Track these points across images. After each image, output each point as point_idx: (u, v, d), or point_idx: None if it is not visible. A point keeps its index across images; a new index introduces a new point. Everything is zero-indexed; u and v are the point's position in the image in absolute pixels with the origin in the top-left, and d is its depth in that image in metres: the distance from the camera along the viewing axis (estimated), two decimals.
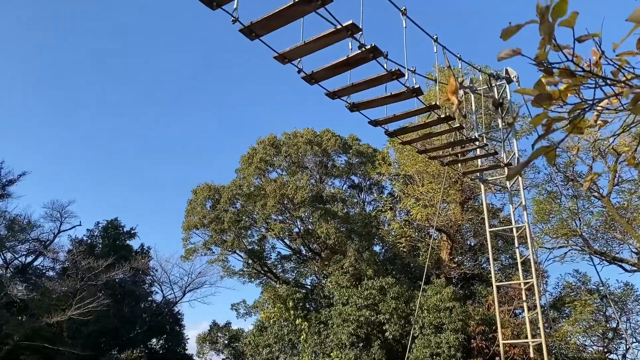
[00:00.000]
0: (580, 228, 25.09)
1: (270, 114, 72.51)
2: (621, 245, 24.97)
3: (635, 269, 24.81)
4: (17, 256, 28.24)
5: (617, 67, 1.54)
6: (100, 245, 30.62)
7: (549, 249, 26.02)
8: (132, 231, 32.71)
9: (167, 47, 75.69)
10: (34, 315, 23.77)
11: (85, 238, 31.00)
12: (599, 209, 24.98)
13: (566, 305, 26.47)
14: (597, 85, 1.55)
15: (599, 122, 1.78)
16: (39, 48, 70.75)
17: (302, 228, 28.88)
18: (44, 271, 28.98)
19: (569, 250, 25.79)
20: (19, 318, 24.30)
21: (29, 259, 28.70)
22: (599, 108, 1.68)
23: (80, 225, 42.79)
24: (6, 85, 66.32)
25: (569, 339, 25.02)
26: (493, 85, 15.25)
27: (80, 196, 71.67)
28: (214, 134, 74.43)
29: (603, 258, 25.44)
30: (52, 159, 67.37)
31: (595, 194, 24.59)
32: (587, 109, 1.62)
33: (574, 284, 27.16)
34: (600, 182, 24.38)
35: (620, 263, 25.28)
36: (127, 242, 32.22)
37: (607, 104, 1.67)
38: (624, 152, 22.72)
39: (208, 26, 73.00)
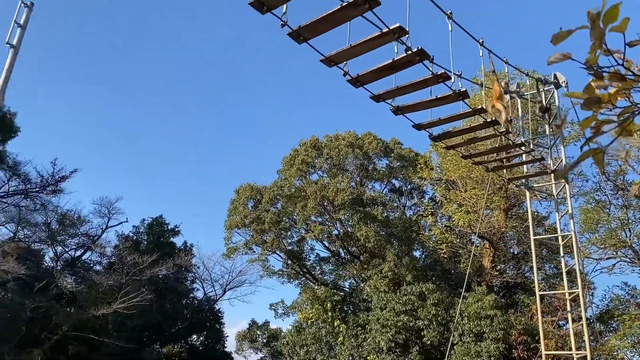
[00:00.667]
0: (630, 239, 24.22)
1: (312, 116, 72.85)
2: None
3: None
4: (67, 250, 29.01)
5: None
6: (145, 242, 31.25)
7: (596, 259, 25.25)
8: (176, 229, 33.32)
9: (208, 47, 77.08)
10: (82, 307, 24.39)
11: (131, 234, 31.72)
12: None
13: (614, 318, 25.56)
14: None
15: None
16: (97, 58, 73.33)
17: (341, 230, 28.90)
18: (91, 265, 29.72)
19: (618, 261, 24.96)
20: (68, 309, 25.01)
21: (78, 253, 29.40)
22: None
23: (126, 221, 43.96)
24: (67, 91, 68.99)
25: (616, 353, 24.16)
26: (541, 90, 14.89)
27: (128, 194, 73.63)
28: (257, 135, 75.21)
29: None
30: (103, 158, 69.53)
31: None
32: (636, 112, 1.61)
33: (622, 297, 26.17)
34: None
35: None
36: (171, 239, 32.82)
37: None
38: None
39: (253, 27, 73.92)
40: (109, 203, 29.55)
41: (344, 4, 7.79)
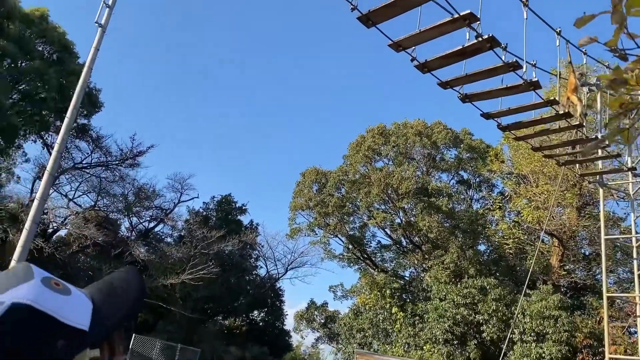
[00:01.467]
0: None
1: (381, 102, 72.26)
2: None
3: None
4: (141, 221, 30.34)
5: None
6: (214, 218, 32.17)
7: None
8: (244, 207, 34.19)
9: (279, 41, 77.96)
10: (152, 276, 25.36)
11: (201, 210, 32.60)
12: None
13: None
14: None
15: None
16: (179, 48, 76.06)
17: (404, 219, 28.74)
18: (163, 237, 30.96)
19: None
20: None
21: (151, 225, 30.65)
22: None
23: (197, 197, 45.49)
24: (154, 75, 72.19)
25: None
26: None
27: (200, 171, 76.26)
28: (325, 119, 75.62)
29: None
30: (178, 136, 72.28)
31: None
32: None
33: None
34: None
35: None
36: (238, 217, 33.72)
37: None
38: None
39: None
40: (182, 179, 30.66)
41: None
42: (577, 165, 14.44)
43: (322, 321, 30.92)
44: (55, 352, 0.78)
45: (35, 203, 10.54)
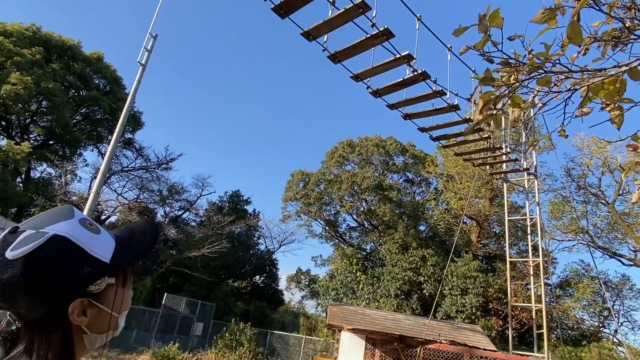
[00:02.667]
0: (587, 227, 23.28)
1: (348, 121, 72.52)
2: (621, 244, 22.94)
3: (632, 263, 22.64)
4: (172, 210, 30.24)
5: (541, 60, 1.61)
6: (226, 207, 32.05)
7: (559, 240, 24.39)
8: (248, 199, 34.06)
9: (278, 68, 77.78)
10: (180, 251, 25.42)
11: (217, 201, 32.53)
12: (604, 213, 23.03)
13: (571, 286, 24.64)
14: (529, 74, 1.64)
15: (537, 102, 1.83)
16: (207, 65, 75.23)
17: (366, 207, 28.89)
18: (188, 221, 30.76)
19: (576, 243, 24.04)
20: (171, 251, 26.08)
21: (180, 213, 30.58)
22: (534, 90, 1.75)
23: (214, 192, 44.91)
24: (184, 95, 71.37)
25: (570, 312, 23.31)
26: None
27: (216, 172, 75.71)
28: (309, 134, 75.58)
29: (605, 252, 23.45)
30: (200, 146, 71.60)
31: (603, 201, 22.68)
32: (519, 87, 1.70)
33: (578, 270, 25.20)
34: (607, 192, 22.52)
35: (619, 258, 23.21)
36: (245, 207, 33.53)
37: (541, 88, 1.74)
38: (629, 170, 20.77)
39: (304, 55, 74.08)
40: (202, 178, 30.69)
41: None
42: (488, 166, 14.67)
43: (307, 283, 30.88)
44: (82, 276, 0.79)
45: (91, 196, 10.42)
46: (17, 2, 55.25)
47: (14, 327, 0.77)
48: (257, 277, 32.49)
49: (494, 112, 1.72)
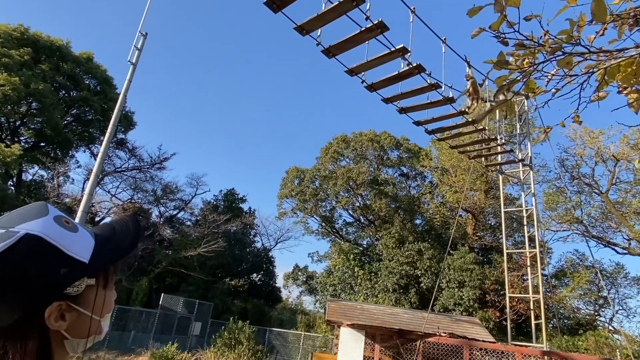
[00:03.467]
0: (581, 217, 23.42)
1: (342, 116, 72.38)
2: (615, 233, 23.13)
3: (626, 252, 22.82)
4: (167, 210, 30.02)
5: (559, 40, 1.53)
6: (221, 206, 31.86)
7: (554, 231, 24.53)
8: (244, 197, 33.86)
9: (277, 66, 77.44)
10: (176, 250, 25.18)
11: (212, 200, 32.31)
12: (598, 202, 23.18)
13: (566, 276, 24.82)
14: (551, 54, 1.55)
15: (551, 89, 1.75)
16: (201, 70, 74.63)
17: (361, 203, 28.85)
18: (183, 221, 30.56)
19: (571, 233, 24.19)
20: (166, 251, 25.88)
21: (175, 212, 30.36)
22: (549, 74, 1.67)
23: (209, 191, 44.73)
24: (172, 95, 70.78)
25: (566, 302, 23.49)
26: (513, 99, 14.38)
27: (211, 171, 75.37)
28: (304, 129, 75.38)
29: (599, 242, 23.62)
30: (193, 145, 71.19)
31: (596, 190, 22.82)
32: (533, 71, 1.62)
33: (574, 260, 25.39)
34: (601, 181, 22.67)
35: (613, 247, 23.39)
36: (240, 205, 33.34)
37: (556, 71, 1.65)
38: (622, 159, 20.90)
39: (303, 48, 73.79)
40: (197, 177, 30.52)
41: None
42: (483, 158, 14.66)
43: (304, 279, 30.81)
44: (58, 277, 0.73)
45: (85, 198, 10.24)
46: (2, 3, 54.38)
47: None
48: (254, 275, 32.39)
49: (508, 98, 1.63)
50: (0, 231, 0.71)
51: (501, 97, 1.71)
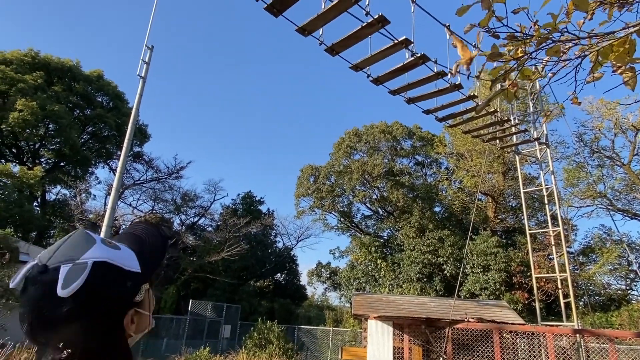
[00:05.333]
0: (605, 191, 22.92)
1: (353, 110, 72.19)
2: None
3: None
4: (188, 217, 30.49)
5: (548, 31, 1.59)
6: (240, 209, 32.16)
7: (577, 207, 24.07)
8: (261, 199, 34.17)
9: (282, 63, 77.64)
10: (200, 256, 25.62)
11: (230, 204, 32.70)
12: (621, 175, 22.66)
13: (594, 252, 24.37)
14: (537, 46, 1.62)
15: (547, 73, 1.79)
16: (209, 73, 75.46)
17: (378, 195, 28.82)
18: (205, 227, 30.97)
19: (595, 208, 23.70)
20: (191, 258, 26.34)
21: (196, 219, 30.79)
22: (544, 61, 1.72)
23: (227, 195, 45.28)
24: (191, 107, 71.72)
25: (595, 278, 23.07)
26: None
27: (226, 176, 76.30)
28: (317, 126, 75.46)
29: (625, 214, 23.10)
30: (206, 151, 72.02)
31: (618, 162, 22.31)
32: (527, 59, 1.68)
33: (601, 235, 24.87)
34: (622, 153, 22.15)
35: None
36: (258, 207, 33.60)
37: (549, 58, 1.70)
38: None
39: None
40: (214, 183, 30.84)
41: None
42: (498, 140, 14.51)
43: (328, 276, 30.96)
44: (128, 290, 0.85)
45: (108, 212, 10.57)
46: (8, 29, 55.91)
47: (64, 355, 0.79)
48: (278, 275, 32.69)
49: (505, 87, 1.70)
50: (69, 265, 0.79)
51: (499, 86, 1.77)
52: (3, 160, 23.71)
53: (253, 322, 18.64)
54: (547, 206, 14.58)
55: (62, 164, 26.73)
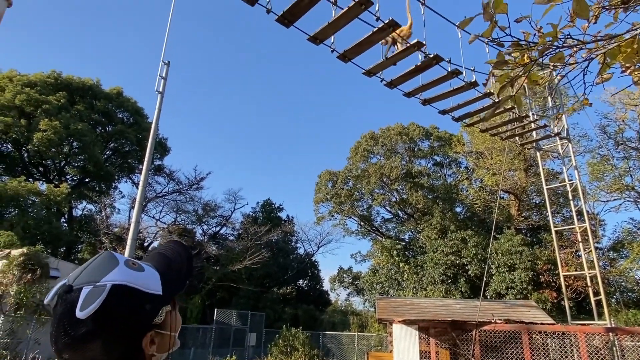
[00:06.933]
0: (632, 183, 22.24)
1: (369, 114, 72.11)
2: None
3: None
4: (210, 227, 30.88)
5: (551, 39, 1.62)
6: (260, 217, 32.40)
7: (604, 202, 23.41)
8: (280, 206, 34.43)
9: (298, 70, 78.24)
10: (223, 265, 25.91)
11: (250, 213, 33.01)
12: None
13: (625, 247, 23.60)
14: (540, 54, 1.65)
15: (556, 76, 1.81)
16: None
17: (397, 197, 28.64)
18: (226, 236, 31.27)
19: (623, 202, 23.01)
20: (215, 267, 26.66)
21: (217, 229, 31.14)
22: (551, 65, 1.75)
23: (247, 204, 45.67)
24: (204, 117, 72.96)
25: (627, 274, 22.33)
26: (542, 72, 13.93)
27: (244, 184, 77.09)
28: (330, 131, 75.63)
29: None
30: (228, 162, 72.95)
31: None
32: (533, 65, 1.70)
33: (631, 229, 24.08)
34: None
35: None
36: (278, 214, 33.85)
37: (554, 64, 1.73)
38: None
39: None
40: (234, 192, 31.17)
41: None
42: (517, 137, 14.28)
43: (350, 281, 30.86)
44: (146, 313, 0.87)
45: (132, 226, 10.84)
46: (28, 51, 58.09)
47: None
48: (301, 281, 32.76)
49: (513, 93, 1.74)
50: (90, 287, 0.83)
51: (507, 92, 1.81)
52: (31, 179, 24.58)
53: (278, 330, 18.75)
54: (572, 202, 14.26)
55: (86, 180, 27.54)
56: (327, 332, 23.25)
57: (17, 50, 57.08)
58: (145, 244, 25.75)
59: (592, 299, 12.89)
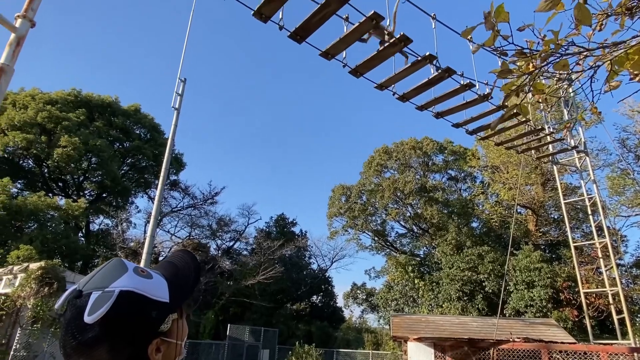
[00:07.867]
0: None
1: (382, 127, 72.23)
2: None
3: None
4: (224, 242, 31.00)
5: (554, 47, 1.61)
6: (274, 232, 32.41)
7: (625, 217, 22.76)
8: (294, 221, 34.36)
9: (310, 89, 79.06)
10: (237, 280, 25.87)
11: (264, 227, 32.99)
12: None
13: None
14: (543, 61, 1.64)
15: (561, 84, 1.79)
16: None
17: (412, 212, 28.37)
18: (240, 251, 31.31)
19: None
20: (228, 282, 26.62)
21: (231, 244, 31.23)
22: (557, 74, 1.74)
23: (260, 219, 45.92)
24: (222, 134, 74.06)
25: None
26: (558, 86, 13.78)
27: (258, 199, 77.42)
28: (344, 146, 75.80)
29: None
30: (241, 177, 73.60)
31: None
32: (538, 73, 1.70)
33: None
34: None
35: None
36: (291, 229, 33.77)
37: (560, 72, 1.72)
38: None
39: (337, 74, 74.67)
40: (248, 207, 31.47)
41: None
42: (533, 151, 14.09)
43: (364, 297, 30.46)
44: (152, 320, 0.88)
45: (147, 240, 10.98)
46: (51, 70, 60.09)
47: None
48: (314, 297, 32.43)
49: (518, 102, 1.73)
50: (98, 292, 0.84)
51: (514, 101, 1.80)
52: (50, 194, 25.16)
53: (291, 346, 18.55)
54: (591, 217, 13.93)
55: (104, 195, 28.04)
56: (341, 350, 22.89)
57: (40, 67, 59.11)
58: (160, 258, 25.95)
59: (615, 317, 12.45)
